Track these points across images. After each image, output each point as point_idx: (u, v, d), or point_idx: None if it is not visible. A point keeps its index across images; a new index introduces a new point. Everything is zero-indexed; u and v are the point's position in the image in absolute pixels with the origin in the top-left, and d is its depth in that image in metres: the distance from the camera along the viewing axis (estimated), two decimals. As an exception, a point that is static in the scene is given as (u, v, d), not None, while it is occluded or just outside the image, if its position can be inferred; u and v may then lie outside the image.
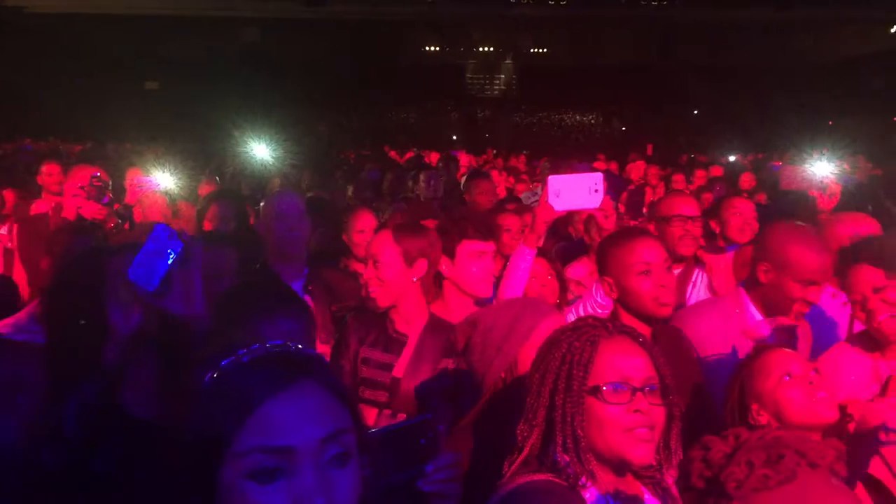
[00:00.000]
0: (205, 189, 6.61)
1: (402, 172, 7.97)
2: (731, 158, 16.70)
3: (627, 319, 2.61)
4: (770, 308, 2.86)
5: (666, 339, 2.69)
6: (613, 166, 12.43)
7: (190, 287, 2.24)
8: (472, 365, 2.31)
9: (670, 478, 1.64)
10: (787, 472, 1.24)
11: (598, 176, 3.13)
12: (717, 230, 4.44)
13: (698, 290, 3.72)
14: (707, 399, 2.63)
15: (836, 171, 4.50)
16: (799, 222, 2.99)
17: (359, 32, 26.41)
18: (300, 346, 1.18)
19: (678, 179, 8.95)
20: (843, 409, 2.23)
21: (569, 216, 4.87)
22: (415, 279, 2.89)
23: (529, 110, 29.83)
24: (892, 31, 25.17)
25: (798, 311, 2.79)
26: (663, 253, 2.68)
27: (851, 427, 2.18)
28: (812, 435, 2.11)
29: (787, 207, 5.22)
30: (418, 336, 2.87)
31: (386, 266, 2.86)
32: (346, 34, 26.33)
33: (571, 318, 3.42)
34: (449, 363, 2.83)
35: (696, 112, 27.89)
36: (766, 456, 1.27)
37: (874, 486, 2.10)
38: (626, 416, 1.59)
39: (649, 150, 19.20)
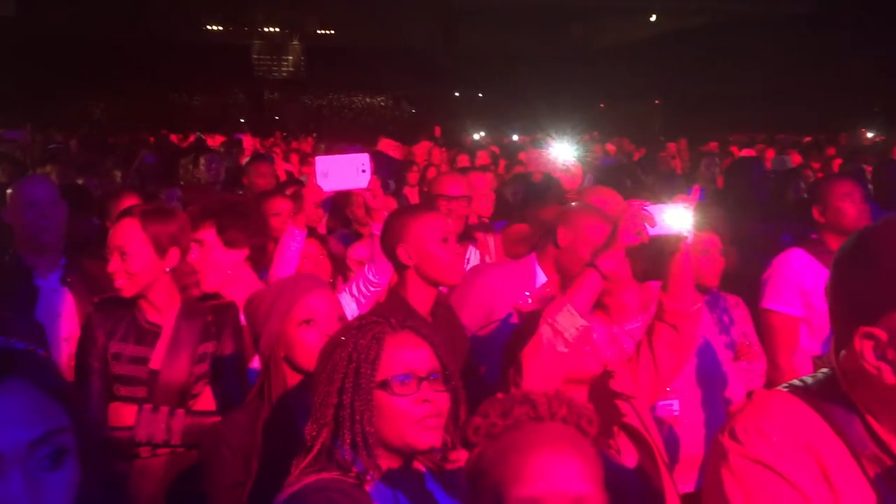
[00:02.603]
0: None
1: (180, 157, 7.62)
2: (515, 138, 17.54)
3: (415, 287, 2.71)
4: (564, 271, 3.03)
5: (442, 314, 2.78)
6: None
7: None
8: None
9: (461, 457, 1.70)
10: (512, 421, 1.32)
11: (365, 156, 3.14)
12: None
13: (471, 265, 3.86)
14: (477, 372, 2.75)
15: (577, 153, 4.85)
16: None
17: (134, 6, 24.79)
18: (5, 340, 1.09)
19: (462, 160, 9.23)
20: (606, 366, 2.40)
21: (347, 200, 4.87)
22: (168, 269, 2.77)
23: (318, 92, 29.54)
24: (652, 19, 27.34)
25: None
26: (452, 226, 2.86)
27: (611, 383, 2.36)
28: (580, 388, 2.28)
29: (537, 189, 5.58)
30: (173, 324, 2.75)
31: (134, 257, 2.69)
32: (118, 7, 24.59)
33: (346, 296, 3.47)
34: (208, 347, 2.74)
35: (480, 95, 28.92)
36: (502, 408, 1.35)
37: (632, 434, 2.30)
38: (415, 406, 1.64)
39: (437, 132, 19.64)
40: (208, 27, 28.94)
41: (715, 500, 1.22)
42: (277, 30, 29.74)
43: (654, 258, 2.47)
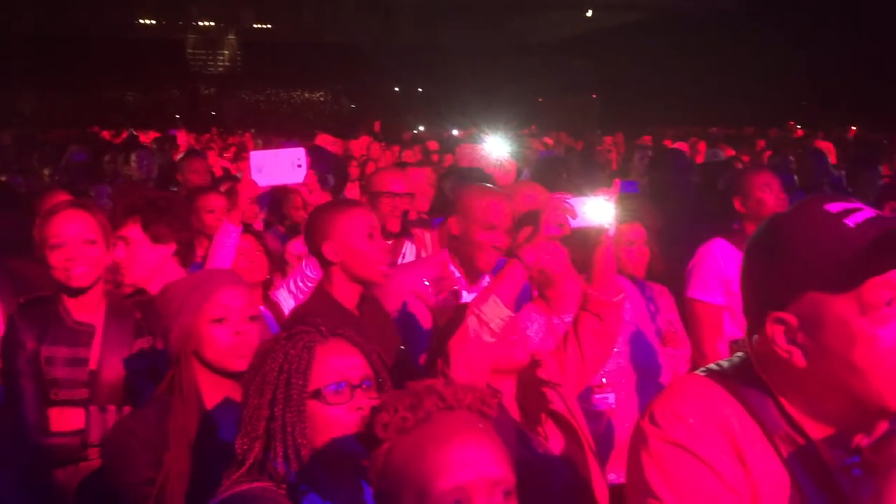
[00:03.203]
0: None
1: (114, 153, 7.43)
2: (455, 132, 17.58)
3: (340, 284, 2.68)
4: (465, 260, 3.05)
5: (370, 309, 2.77)
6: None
7: None
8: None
9: None
10: (423, 414, 1.31)
11: (300, 151, 3.12)
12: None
13: (406, 261, 3.86)
14: (411, 365, 2.75)
15: (512, 148, 4.88)
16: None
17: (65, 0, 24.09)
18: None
19: (407, 155, 9.22)
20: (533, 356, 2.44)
21: (285, 196, 4.83)
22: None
23: (256, 87, 29.14)
24: (588, 14, 27.69)
25: (487, 259, 2.99)
26: (377, 221, 2.81)
27: (539, 372, 2.40)
28: (508, 377, 2.31)
29: (468, 182, 5.61)
30: (103, 323, 2.70)
31: (97, 246, 2.65)
32: (48, 0, 23.86)
33: (283, 292, 3.45)
34: (143, 343, 2.70)
35: (420, 90, 28.91)
36: (410, 401, 1.33)
37: (559, 421, 2.34)
38: (349, 414, 1.61)
39: (377, 126, 19.56)
40: (141, 21, 28.29)
41: (636, 483, 1.25)
42: (213, 24, 29.24)
43: (578, 250, 2.52)
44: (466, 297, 2.95)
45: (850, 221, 1.18)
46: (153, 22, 28.48)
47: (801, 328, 1.19)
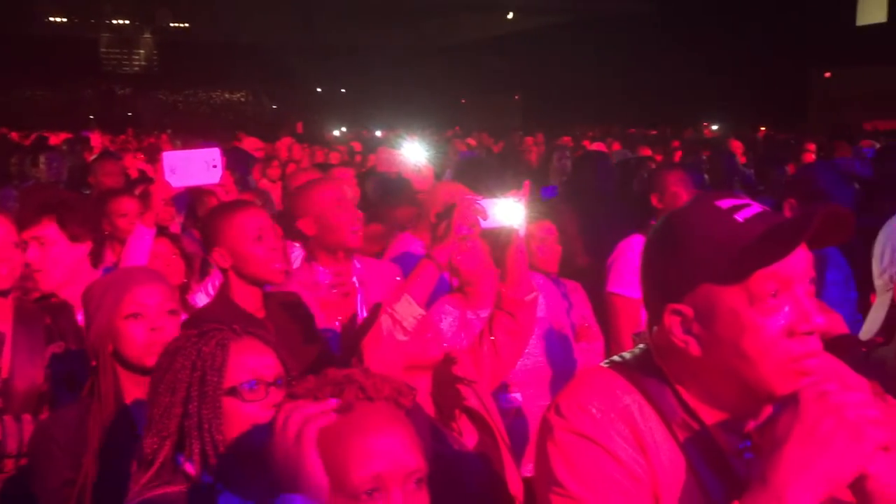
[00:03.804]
0: None
1: (21, 155, 7.16)
2: (378, 133, 17.57)
3: (239, 288, 2.65)
4: (331, 250, 3.05)
5: (274, 311, 2.73)
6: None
7: None
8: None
9: None
10: (344, 404, 1.32)
11: (215, 151, 3.07)
12: None
13: (297, 260, 3.81)
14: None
15: (430, 153, 4.88)
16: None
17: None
18: None
19: (334, 157, 9.24)
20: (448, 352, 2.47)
21: (199, 198, 4.74)
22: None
23: (174, 87, 28.47)
24: (509, 17, 27.98)
25: (352, 237, 3.01)
26: (270, 220, 2.78)
27: (454, 369, 2.43)
28: (422, 374, 2.33)
29: (392, 187, 5.62)
30: (12, 329, 2.61)
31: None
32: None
33: (202, 296, 3.40)
34: (56, 349, 2.62)
35: (343, 91, 28.75)
36: (331, 391, 1.34)
37: (474, 417, 2.38)
38: (265, 412, 1.59)
39: (299, 128, 19.38)
40: (51, 19, 27.30)
41: (543, 473, 1.28)
42: (127, 22, 28.42)
43: (491, 250, 2.56)
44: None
45: (740, 217, 1.23)
46: (64, 20, 27.51)
47: (696, 319, 1.24)
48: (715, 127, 18.30)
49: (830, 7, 23.04)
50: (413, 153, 4.70)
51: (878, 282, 1.63)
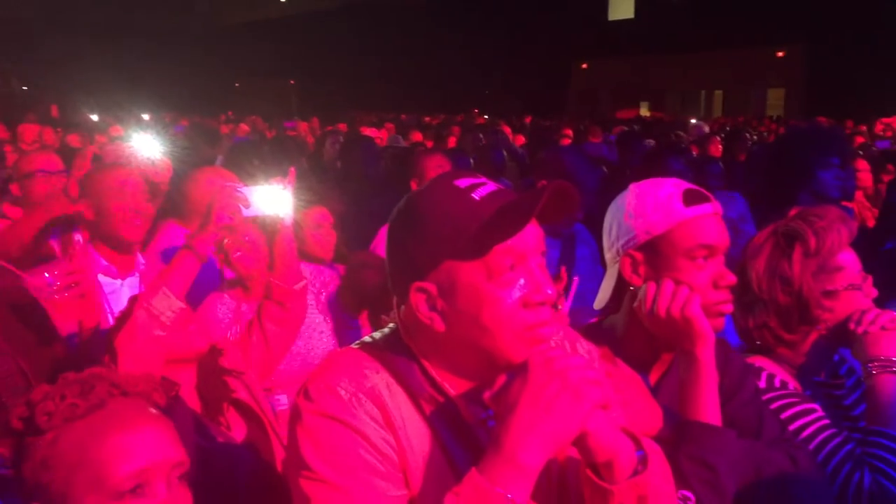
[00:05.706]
0: None
1: None
2: (146, 117, 16.57)
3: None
4: (108, 238, 2.91)
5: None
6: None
7: None
8: None
9: None
10: (96, 400, 1.28)
11: None
12: None
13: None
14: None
15: (165, 148, 4.51)
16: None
17: None
18: None
19: (72, 139, 8.70)
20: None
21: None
22: None
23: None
24: (282, 0, 27.47)
25: (131, 229, 2.86)
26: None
27: (221, 360, 2.35)
28: (186, 367, 2.29)
29: None
30: None
31: None
32: None
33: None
34: None
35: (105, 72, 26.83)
36: (80, 388, 1.29)
37: (242, 409, 2.33)
38: None
39: (54, 111, 17.86)
40: None
41: (292, 458, 1.27)
42: None
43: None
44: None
45: (476, 195, 1.28)
46: None
47: (439, 295, 1.27)
48: (486, 116, 19.08)
49: (584, 3, 24.87)
50: (144, 145, 4.23)
51: (608, 255, 1.77)
